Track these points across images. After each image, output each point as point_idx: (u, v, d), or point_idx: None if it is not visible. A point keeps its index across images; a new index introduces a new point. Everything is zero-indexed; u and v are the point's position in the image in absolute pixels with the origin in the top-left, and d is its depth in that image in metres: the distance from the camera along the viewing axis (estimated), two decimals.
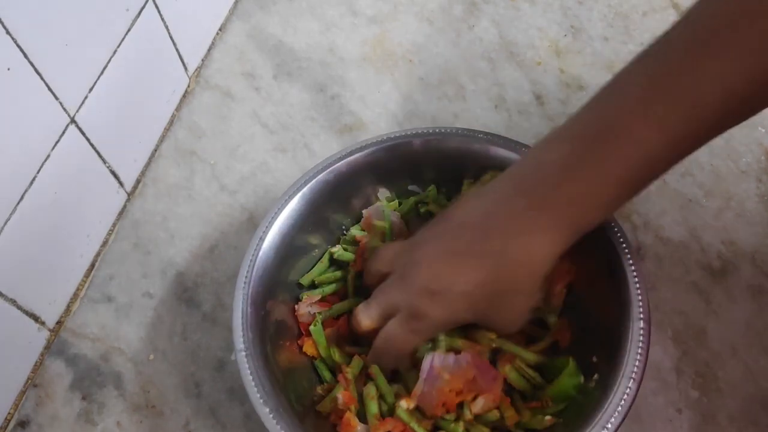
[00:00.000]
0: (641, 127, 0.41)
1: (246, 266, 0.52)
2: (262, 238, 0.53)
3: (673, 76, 0.40)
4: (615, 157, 0.42)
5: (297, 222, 0.55)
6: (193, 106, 0.71)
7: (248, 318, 0.50)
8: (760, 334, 0.58)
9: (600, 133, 0.43)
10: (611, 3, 0.76)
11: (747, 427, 0.55)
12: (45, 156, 0.53)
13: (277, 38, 0.75)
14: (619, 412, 0.44)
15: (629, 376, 0.45)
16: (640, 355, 0.46)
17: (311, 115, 0.71)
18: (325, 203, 0.56)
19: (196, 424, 0.56)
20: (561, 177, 0.44)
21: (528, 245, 0.45)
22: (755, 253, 0.62)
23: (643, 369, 0.46)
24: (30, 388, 0.58)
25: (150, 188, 0.67)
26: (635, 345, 0.46)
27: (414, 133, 0.58)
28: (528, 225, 0.45)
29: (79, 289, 0.62)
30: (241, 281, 0.51)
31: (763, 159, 0.66)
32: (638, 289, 0.48)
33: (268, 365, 0.49)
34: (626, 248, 0.50)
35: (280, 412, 0.46)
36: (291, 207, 0.55)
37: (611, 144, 0.42)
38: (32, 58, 0.49)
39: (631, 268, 0.49)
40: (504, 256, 0.45)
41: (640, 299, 0.48)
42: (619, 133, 0.42)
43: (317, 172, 0.56)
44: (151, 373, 0.58)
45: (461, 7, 0.77)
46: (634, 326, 0.47)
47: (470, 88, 0.72)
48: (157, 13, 0.63)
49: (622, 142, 0.42)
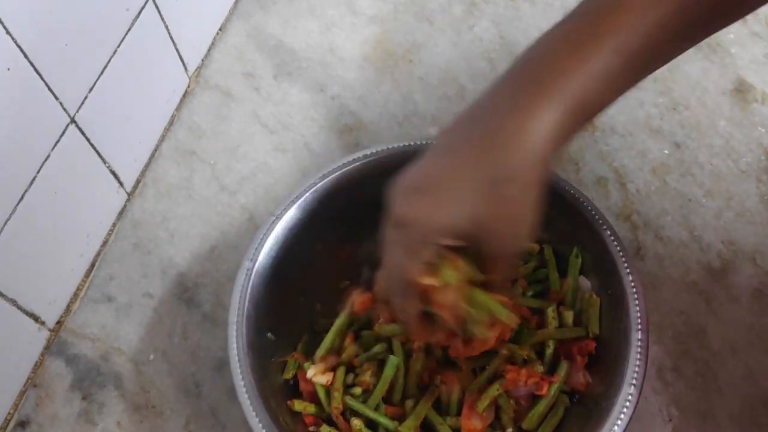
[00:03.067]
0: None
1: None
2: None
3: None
4: (610, 25, 0.40)
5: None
6: (193, 106, 0.71)
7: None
8: (760, 334, 0.58)
9: (593, 8, 0.41)
10: None
11: (747, 427, 0.55)
12: (45, 156, 0.53)
13: (277, 38, 0.75)
14: (622, 420, 0.45)
15: (630, 383, 0.46)
16: (638, 366, 0.47)
17: (311, 115, 0.71)
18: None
19: (196, 424, 0.56)
20: (558, 50, 0.41)
21: (525, 120, 0.40)
22: (755, 253, 0.61)
23: (642, 378, 0.46)
24: (30, 388, 0.58)
25: (150, 188, 0.67)
26: (634, 356, 0.47)
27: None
28: (524, 100, 0.40)
29: (79, 289, 0.62)
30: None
31: (763, 159, 0.66)
32: (636, 300, 0.49)
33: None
34: (623, 256, 0.50)
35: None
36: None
37: (606, 15, 0.40)
38: (32, 58, 0.49)
39: (629, 278, 0.50)
40: (499, 135, 0.40)
41: (638, 310, 0.48)
42: (613, 5, 0.40)
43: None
44: (151, 373, 0.58)
45: (461, 7, 0.77)
46: (633, 337, 0.47)
47: (470, 88, 0.71)
48: (157, 13, 0.63)
49: (616, 11, 0.40)
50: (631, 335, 0.48)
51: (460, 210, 0.40)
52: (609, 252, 0.51)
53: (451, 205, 0.40)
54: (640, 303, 0.49)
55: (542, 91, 0.40)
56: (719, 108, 0.69)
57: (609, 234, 0.52)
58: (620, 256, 0.51)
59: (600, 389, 0.49)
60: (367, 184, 0.51)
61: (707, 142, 0.67)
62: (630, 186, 0.65)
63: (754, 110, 0.69)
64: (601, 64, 0.40)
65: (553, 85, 0.40)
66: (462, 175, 0.40)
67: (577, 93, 0.40)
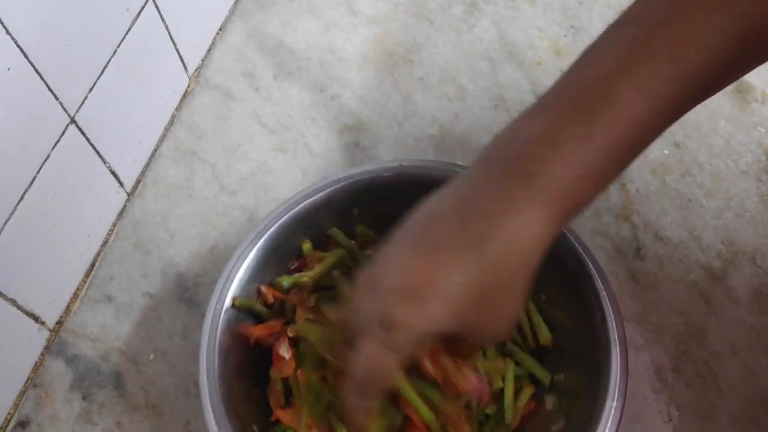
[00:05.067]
0: (625, 90, 0.39)
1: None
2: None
3: (653, 36, 0.39)
4: (601, 122, 0.39)
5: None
6: (193, 106, 0.71)
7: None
8: (760, 334, 0.58)
9: (583, 99, 0.40)
10: (611, 3, 0.76)
11: (747, 427, 0.55)
12: (45, 156, 0.53)
13: (277, 38, 0.75)
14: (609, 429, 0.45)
15: (612, 398, 0.45)
16: (620, 379, 0.46)
17: (311, 115, 0.71)
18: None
19: (196, 424, 0.56)
20: (545, 148, 0.40)
21: (515, 227, 0.39)
22: (755, 253, 0.62)
23: (624, 391, 0.46)
24: (30, 388, 0.58)
25: (150, 188, 0.67)
26: (615, 367, 0.46)
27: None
28: (512, 204, 0.40)
29: (79, 289, 0.62)
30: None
31: (763, 159, 0.66)
32: (612, 316, 0.48)
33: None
34: (598, 276, 0.49)
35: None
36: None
37: (596, 109, 0.39)
38: (32, 58, 0.49)
39: (603, 294, 0.49)
40: (488, 242, 0.40)
41: (614, 327, 0.48)
42: (604, 97, 0.39)
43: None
44: (151, 373, 0.58)
45: (461, 7, 0.77)
46: (612, 352, 0.47)
47: (470, 88, 0.72)
48: (157, 13, 0.63)
49: (607, 106, 0.39)
50: (611, 351, 0.47)
51: (449, 316, 0.40)
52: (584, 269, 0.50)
53: (440, 310, 0.40)
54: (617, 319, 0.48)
55: (532, 195, 0.39)
56: (719, 108, 0.69)
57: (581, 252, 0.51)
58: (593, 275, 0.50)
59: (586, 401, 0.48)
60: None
61: (707, 142, 0.67)
62: (630, 186, 0.65)
63: (754, 110, 0.69)
64: (594, 167, 0.40)
65: (543, 189, 0.39)
66: (452, 278, 0.40)
67: (566, 195, 0.40)
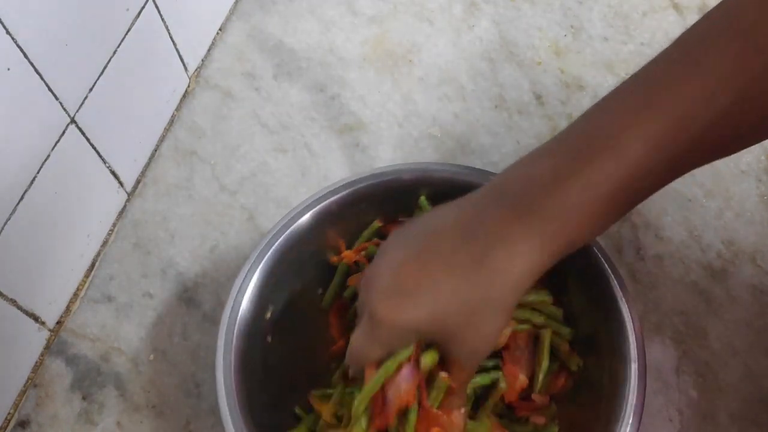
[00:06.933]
0: (629, 141, 0.41)
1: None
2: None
3: (660, 91, 0.41)
4: (603, 170, 0.41)
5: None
6: (193, 106, 0.71)
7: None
8: (761, 335, 0.58)
9: (588, 146, 0.42)
10: (611, 3, 0.76)
11: (748, 427, 0.55)
12: (45, 156, 0.53)
13: (277, 38, 0.75)
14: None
15: (630, 412, 0.45)
16: (636, 398, 0.46)
17: (311, 115, 0.71)
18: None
19: (196, 424, 0.56)
20: (548, 189, 0.43)
21: (509, 254, 0.43)
22: (755, 253, 0.62)
23: (641, 408, 0.46)
24: (30, 388, 0.58)
25: (150, 188, 0.67)
26: (632, 385, 0.46)
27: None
28: (511, 234, 0.43)
29: (79, 289, 0.62)
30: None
31: (763, 159, 0.66)
32: (634, 327, 0.48)
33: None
34: (618, 281, 0.50)
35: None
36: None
37: (599, 157, 0.41)
38: (32, 58, 0.49)
39: (623, 301, 0.49)
40: (482, 263, 0.43)
41: (635, 339, 0.48)
42: (607, 147, 0.41)
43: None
44: (151, 373, 0.58)
45: (461, 7, 0.77)
46: (630, 368, 0.47)
47: (470, 88, 0.72)
48: (157, 13, 0.63)
49: (610, 155, 0.41)
50: (628, 366, 0.47)
51: (429, 317, 0.44)
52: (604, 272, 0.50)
53: (422, 312, 0.43)
54: (638, 333, 0.48)
55: (531, 228, 0.43)
56: None
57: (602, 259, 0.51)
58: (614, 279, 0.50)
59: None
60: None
61: None
62: None
63: None
64: (593, 212, 0.42)
65: (541, 225, 0.42)
66: (444, 287, 0.43)
67: (563, 234, 0.43)
